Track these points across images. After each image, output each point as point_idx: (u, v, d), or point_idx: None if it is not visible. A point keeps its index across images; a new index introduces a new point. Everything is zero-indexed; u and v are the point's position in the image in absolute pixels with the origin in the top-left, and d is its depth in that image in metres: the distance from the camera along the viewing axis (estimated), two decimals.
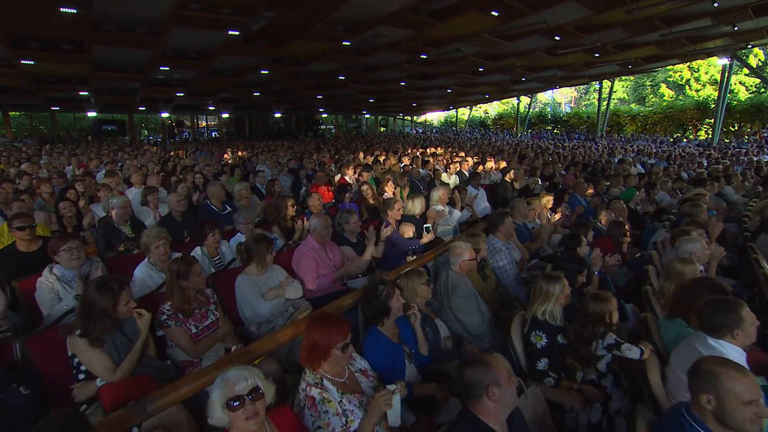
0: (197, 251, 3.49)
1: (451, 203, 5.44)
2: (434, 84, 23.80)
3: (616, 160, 12.53)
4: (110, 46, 12.25)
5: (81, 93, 18.28)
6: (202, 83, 18.80)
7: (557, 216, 5.60)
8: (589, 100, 47.31)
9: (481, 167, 10.08)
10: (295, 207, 4.46)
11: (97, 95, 19.51)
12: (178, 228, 4.54)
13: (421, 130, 40.03)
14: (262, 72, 17.33)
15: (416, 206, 4.66)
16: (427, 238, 4.10)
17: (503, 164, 10.49)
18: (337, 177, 8.71)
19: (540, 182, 8.80)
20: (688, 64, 32.08)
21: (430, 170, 9.59)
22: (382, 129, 40.75)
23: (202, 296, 2.51)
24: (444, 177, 8.85)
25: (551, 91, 43.84)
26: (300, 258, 3.29)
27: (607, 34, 15.24)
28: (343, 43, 14.22)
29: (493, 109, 46.88)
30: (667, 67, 33.48)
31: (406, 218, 4.44)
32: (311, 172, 9.14)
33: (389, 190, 6.35)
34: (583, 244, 3.63)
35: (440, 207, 4.93)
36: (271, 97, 24.77)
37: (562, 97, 50.99)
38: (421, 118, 44.78)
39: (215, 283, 2.88)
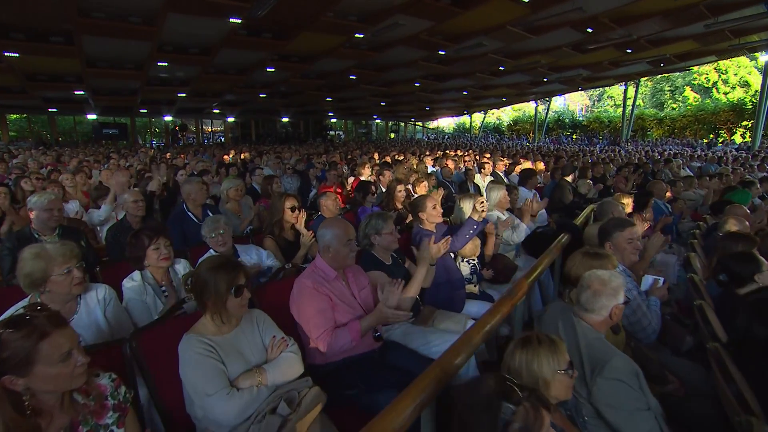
0: (135, 278, 2.14)
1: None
2: (449, 86, 22.60)
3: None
4: (101, 36, 11.18)
5: (77, 92, 17.32)
6: (206, 83, 17.75)
7: (646, 226, 4.20)
8: (602, 107, 45.75)
9: (517, 168, 8.70)
10: (298, 211, 3.09)
11: (95, 96, 18.56)
12: None
13: (433, 136, 38.74)
14: (269, 70, 16.22)
15: (466, 210, 3.28)
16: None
17: (541, 165, 9.09)
18: (350, 180, 7.38)
19: (592, 185, 7.41)
20: (715, 65, 30.55)
21: (458, 170, 8.25)
22: (392, 135, 39.56)
23: (86, 397, 1.16)
24: (478, 178, 7.50)
25: (563, 98, 42.40)
26: (302, 295, 1.91)
27: (644, 25, 13.86)
28: (356, 35, 13.04)
29: (506, 115, 45.59)
30: (692, 69, 32.00)
31: (454, 229, 3.05)
32: (321, 173, 7.82)
33: (422, 192, 4.98)
34: (764, 269, 2.22)
35: (503, 215, 3.55)
36: (278, 99, 23.73)
37: (574, 105, 49.49)
38: (433, 124, 43.55)
39: (139, 349, 1.52)
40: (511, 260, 3.42)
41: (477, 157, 10.65)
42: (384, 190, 5.96)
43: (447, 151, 12.75)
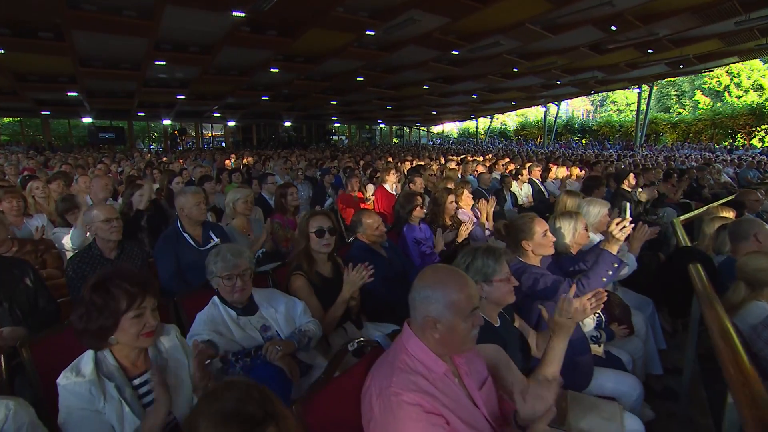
0: (83, 368, 1.20)
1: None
2: (459, 89, 21.84)
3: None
4: (94, 32, 10.34)
5: (70, 94, 16.45)
6: (206, 84, 16.91)
7: None
8: (604, 112, 45.02)
9: (551, 174, 7.85)
10: (337, 234, 2.18)
11: (90, 98, 17.71)
12: None
13: (438, 141, 37.94)
14: (272, 70, 15.39)
15: (567, 234, 2.39)
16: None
17: (576, 171, 8.21)
18: (370, 187, 6.49)
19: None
20: (727, 68, 29.86)
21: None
22: (396, 140, 38.75)
23: None
24: (514, 186, 6.63)
25: (565, 103, 41.67)
26: (397, 421, 1.00)
27: (671, 22, 13.10)
28: (367, 32, 12.22)
29: (511, 120, 44.89)
30: (703, 73, 31.41)
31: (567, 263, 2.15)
32: (335, 179, 6.94)
33: (466, 204, 4.09)
34: None
35: (597, 238, 2.66)
36: (280, 103, 22.92)
37: (577, 111, 48.83)
38: (436, 129, 42.77)
39: None
40: (621, 298, 2.52)
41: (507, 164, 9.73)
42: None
43: (466, 156, 11.90)
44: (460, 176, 7.60)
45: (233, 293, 1.68)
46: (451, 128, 46.59)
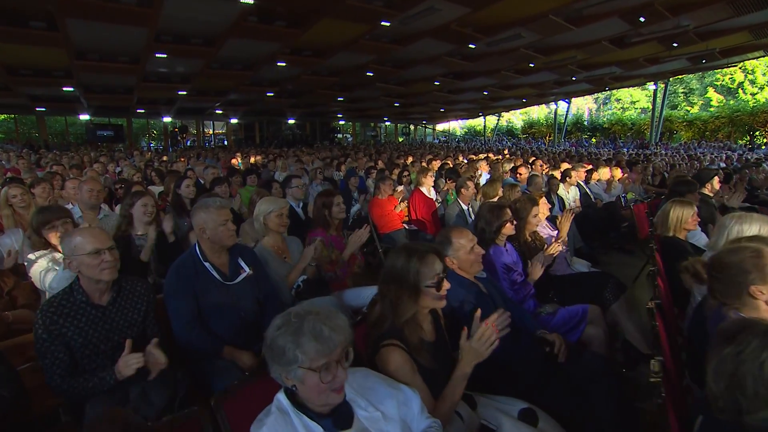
0: None
1: None
2: (470, 85, 21.11)
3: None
4: (89, 20, 9.56)
5: (66, 89, 15.62)
6: (208, 79, 16.11)
7: None
8: (608, 110, 44.16)
9: (595, 175, 7.13)
10: (444, 275, 1.43)
11: (87, 94, 16.90)
12: (98, 336, 1.60)
13: (443, 139, 37.16)
14: (279, 64, 14.63)
15: None
16: None
17: (618, 173, 7.48)
18: (400, 189, 5.76)
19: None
20: (740, 65, 29.10)
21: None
22: (401, 139, 37.96)
23: None
24: (561, 190, 5.90)
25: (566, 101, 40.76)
26: None
27: (702, 13, 12.36)
28: (382, 23, 11.47)
29: (516, 118, 44.07)
30: (715, 71, 30.71)
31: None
32: (359, 182, 6.20)
33: (543, 215, 3.35)
34: None
35: None
36: (285, 99, 22.14)
37: (581, 109, 47.95)
38: (440, 127, 41.94)
39: None
40: None
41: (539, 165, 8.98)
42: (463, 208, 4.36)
43: (489, 154, 11.18)
44: (488, 176, 6.88)
45: (329, 392, 0.94)
46: (454, 126, 45.79)
